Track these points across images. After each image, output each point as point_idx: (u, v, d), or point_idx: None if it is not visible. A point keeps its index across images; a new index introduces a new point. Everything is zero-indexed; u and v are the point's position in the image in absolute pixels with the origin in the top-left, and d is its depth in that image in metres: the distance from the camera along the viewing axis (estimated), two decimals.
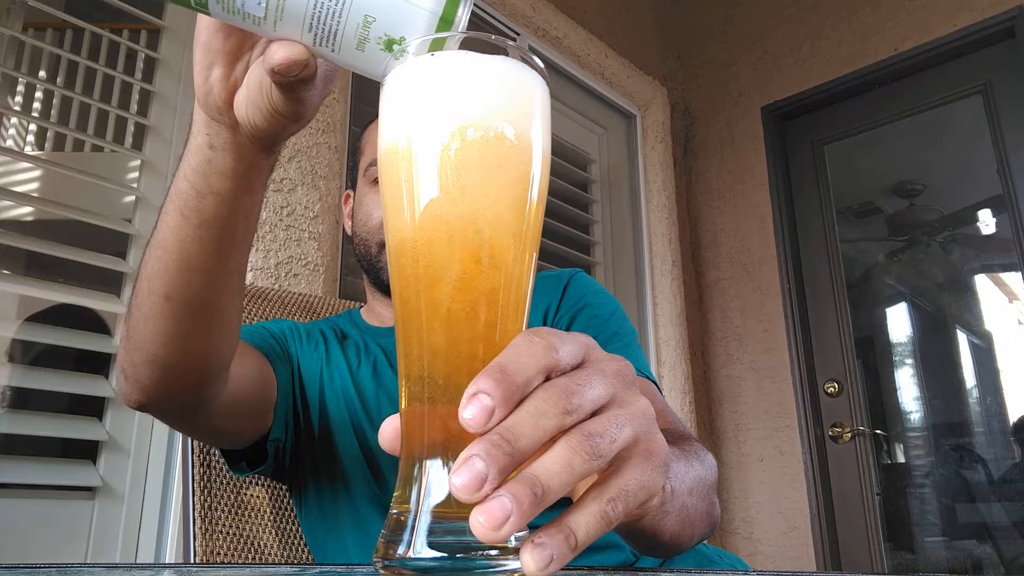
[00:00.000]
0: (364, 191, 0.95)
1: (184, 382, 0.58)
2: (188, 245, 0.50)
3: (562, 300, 0.90)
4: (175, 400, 0.61)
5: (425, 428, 0.34)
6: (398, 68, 0.36)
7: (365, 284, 0.99)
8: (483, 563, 0.31)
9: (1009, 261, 2.21)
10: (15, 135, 2.06)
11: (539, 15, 2.20)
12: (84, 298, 1.24)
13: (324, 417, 0.83)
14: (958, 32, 2.29)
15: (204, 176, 0.47)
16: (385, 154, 0.36)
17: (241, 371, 0.69)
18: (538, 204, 0.36)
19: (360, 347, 0.89)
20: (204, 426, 0.69)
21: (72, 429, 1.19)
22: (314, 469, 0.83)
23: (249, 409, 0.74)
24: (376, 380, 0.85)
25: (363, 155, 0.97)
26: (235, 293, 0.55)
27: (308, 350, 0.88)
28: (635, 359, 0.84)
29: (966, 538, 2.22)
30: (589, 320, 0.87)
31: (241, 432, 0.75)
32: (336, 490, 0.82)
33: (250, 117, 0.43)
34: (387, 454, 0.36)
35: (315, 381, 0.85)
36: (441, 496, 0.32)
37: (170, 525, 1.23)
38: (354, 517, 0.80)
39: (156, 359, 0.55)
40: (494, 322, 0.34)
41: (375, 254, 0.92)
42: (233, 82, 0.43)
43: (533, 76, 0.36)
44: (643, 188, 2.57)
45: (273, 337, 0.85)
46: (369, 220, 0.92)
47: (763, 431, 2.46)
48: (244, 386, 0.70)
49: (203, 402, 0.62)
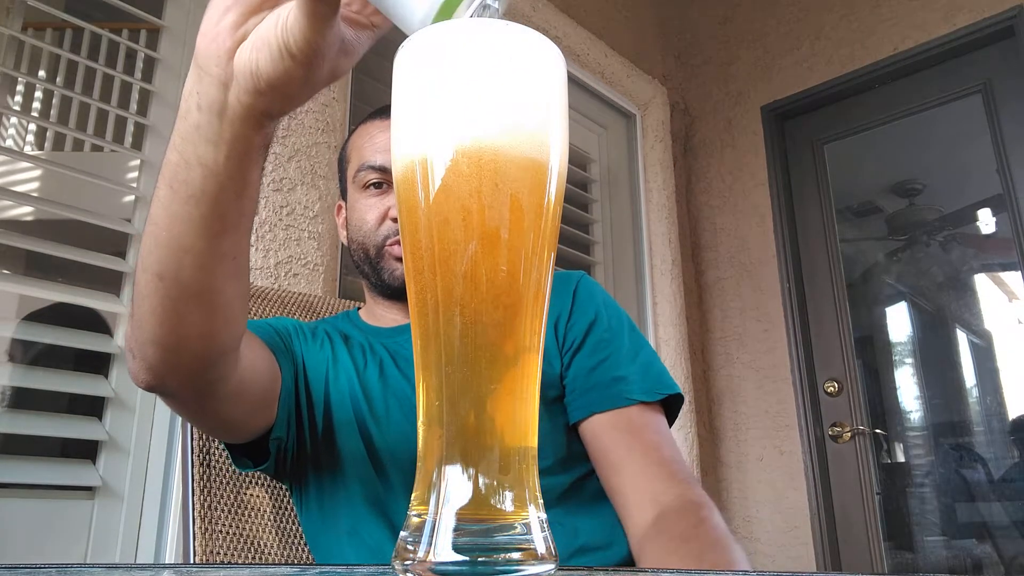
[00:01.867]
0: (355, 196, 0.93)
1: (188, 363, 0.57)
2: (176, 222, 0.48)
3: (573, 307, 0.88)
4: (183, 381, 0.59)
5: (445, 429, 0.34)
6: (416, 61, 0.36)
7: (364, 287, 0.98)
8: (505, 566, 0.31)
9: (1009, 260, 2.21)
10: (15, 135, 2.05)
11: (539, 15, 2.20)
12: (84, 298, 1.24)
13: (328, 417, 0.82)
14: (958, 32, 2.29)
15: (191, 143, 0.45)
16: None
17: (250, 356, 0.68)
18: (555, 204, 0.36)
19: (365, 348, 0.88)
20: (212, 413, 0.67)
21: (72, 429, 1.19)
22: (316, 469, 0.83)
23: (257, 397, 0.73)
24: (383, 382, 0.84)
25: (350, 162, 0.96)
26: (231, 277, 0.53)
27: (314, 349, 0.87)
28: (658, 373, 0.83)
29: (966, 537, 2.22)
30: (603, 334, 0.85)
31: (246, 423, 0.74)
32: (337, 491, 0.81)
33: (254, 60, 0.41)
34: (393, 456, 0.36)
35: (320, 380, 0.84)
36: (463, 498, 0.32)
37: (170, 525, 1.23)
38: (355, 519, 0.80)
39: (156, 339, 0.54)
40: (516, 327, 0.34)
41: (373, 256, 0.91)
42: (242, 34, 0.41)
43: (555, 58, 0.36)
44: (643, 187, 2.57)
45: (277, 333, 0.84)
46: (364, 224, 0.91)
47: (763, 431, 2.46)
48: (253, 373, 0.69)
49: (211, 385, 0.61)
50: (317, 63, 0.41)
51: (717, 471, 2.52)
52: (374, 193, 0.90)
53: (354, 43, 0.44)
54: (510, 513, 0.33)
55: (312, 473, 0.83)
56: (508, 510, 0.33)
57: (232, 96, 0.43)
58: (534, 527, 0.33)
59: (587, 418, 0.80)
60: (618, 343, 0.85)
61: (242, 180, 0.47)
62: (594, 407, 0.79)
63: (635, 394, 0.79)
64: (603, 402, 0.79)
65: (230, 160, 0.45)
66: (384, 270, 0.90)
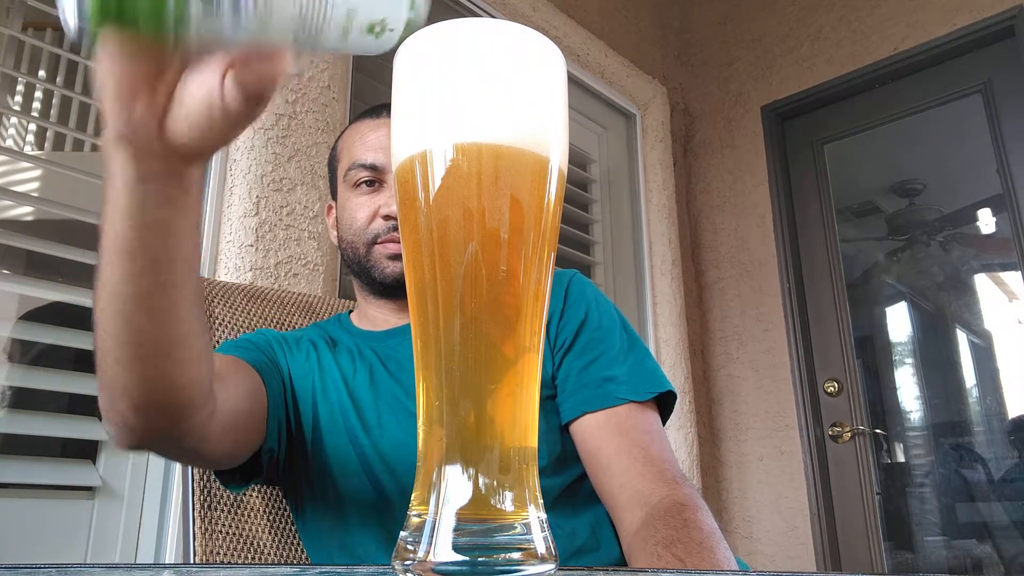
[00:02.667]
0: (346, 196, 0.93)
1: (164, 417, 0.56)
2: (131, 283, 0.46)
3: (565, 306, 0.88)
4: (164, 435, 0.59)
5: (445, 429, 0.34)
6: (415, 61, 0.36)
7: (356, 288, 0.97)
8: (505, 566, 0.31)
9: (1009, 260, 2.21)
10: (15, 135, 2.05)
11: (539, 14, 2.20)
12: (84, 298, 1.24)
13: (317, 427, 0.82)
14: (958, 31, 2.29)
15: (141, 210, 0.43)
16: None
17: (228, 392, 0.68)
18: (555, 203, 0.36)
19: (354, 353, 0.87)
20: (207, 453, 0.67)
21: (72, 429, 1.19)
22: (307, 477, 0.82)
23: (242, 426, 0.72)
24: (374, 389, 0.83)
25: (340, 162, 0.96)
26: (190, 319, 0.51)
27: (299, 360, 0.86)
28: (651, 370, 0.83)
29: (966, 537, 2.22)
30: (594, 333, 0.85)
31: (237, 451, 0.74)
32: (328, 498, 0.81)
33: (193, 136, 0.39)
34: (385, 462, 0.36)
35: (308, 392, 0.83)
36: (463, 498, 0.32)
37: (170, 525, 1.23)
38: (347, 525, 0.79)
39: (131, 400, 0.53)
40: (516, 327, 0.34)
41: (364, 254, 0.90)
42: (160, 107, 0.39)
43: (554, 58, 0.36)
44: (643, 188, 2.57)
45: (259, 349, 0.83)
46: (354, 222, 0.90)
47: (763, 430, 2.46)
48: (235, 403, 0.69)
49: (195, 431, 0.60)
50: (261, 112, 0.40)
51: (717, 471, 2.52)
52: (365, 191, 0.90)
53: None
54: (510, 513, 0.33)
55: (304, 481, 0.83)
56: (508, 510, 0.33)
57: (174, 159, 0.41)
58: (534, 527, 0.33)
59: (578, 418, 0.80)
60: (609, 342, 0.84)
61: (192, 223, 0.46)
62: (584, 407, 0.79)
63: (625, 393, 0.79)
64: (593, 402, 0.79)
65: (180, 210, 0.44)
66: (375, 268, 0.89)
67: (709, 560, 0.61)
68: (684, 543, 0.62)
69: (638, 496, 0.71)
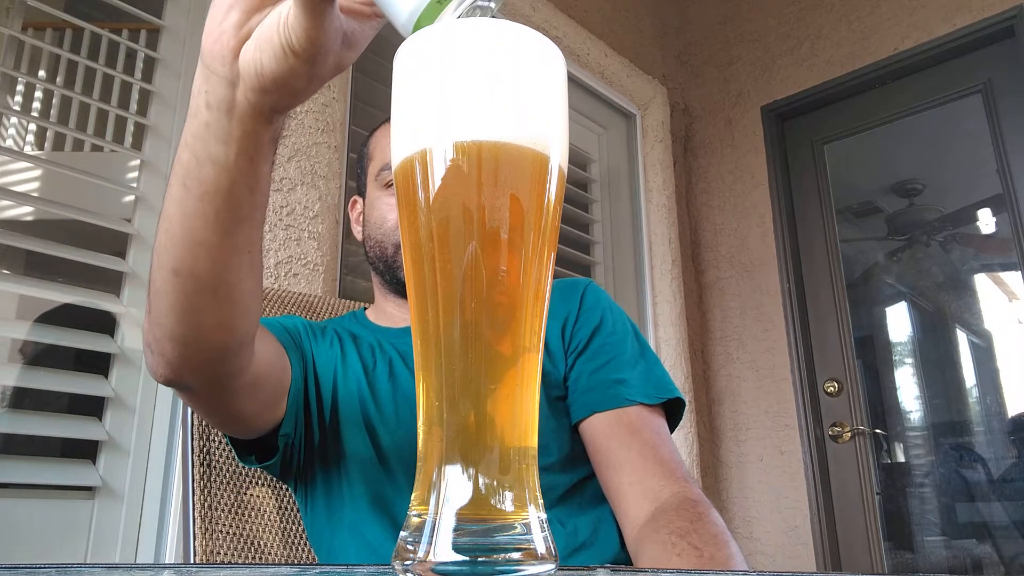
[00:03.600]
0: (376, 195, 0.95)
1: (204, 357, 0.58)
2: (191, 218, 0.49)
3: (580, 311, 0.90)
4: (199, 375, 0.60)
5: (445, 429, 0.34)
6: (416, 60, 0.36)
7: (375, 285, 0.99)
8: (505, 566, 0.31)
9: (1009, 260, 2.21)
10: (15, 135, 2.05)
11: (538, 14, 2.20)
12: (84, 298, 1.24)
13: (335, 416, 0.83)
14: (958, 32, 2.29)
15: (203, 141, 0.45)
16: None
17: (264, 351, 0.69)
18: (556, 203, 0.36)
19: (375, 347, 0.89)
20: (226, 407, 0.68)
21: (72, 429, 1.19)
22: (323, 467, 0.83)
23: (269, 392, 0.73)
24: (392, 382, 0.84)
25: (372, 160, 0.97)
26: (245, 270, 0.53)
27: (324, 347, 0.87)
28: (659, 377, 0.84)
29: (966, 537, 2.22)
30: (607, 338, 0.86)
31: (257, 418, 0.74)
32: (343, 491, 0.81)
33: (257, 59, 0.41)
34: (399, 455, 0.36)
35: (329, 378, 0.85)
36: (463, 498, 0.32)
37: (170, 525, 1.23)
38: (359, 519, 0.80)
39: (173, 334, 0.55)
40: (516, 327, 0.34)
41: (391, 255, 0.92)
42: (246, 32, 0.42)
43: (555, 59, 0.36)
44: (643, 188, 2.57)
45: (288, 331, 0.85)
46: (384, 222, 0.92)
47: (763, 430, 2.46)
48: (267, 367, 0.70)
49: (227, 379, 0.62)
50: (320, 58, 0.41)
51: (717, 471, 2.52)
52: None
53: (357, 34, 0.44)
54: (510, 513, 0.33)
55: (319, 471, 0.83)
56: (508, 510, 0.33)
57: (239, 94, 0.43)
58: (534, 527, 0.33)
59: (587, 417, 0.81)
60: (621, 347, 0.86)
61: (253, 175, 0.48)
62: (594, 407, 0.81)
63: (635, 395, 0.80)
64: (603, 402, 0.80)
65: (240, 156, 0.46)
66: (400, 268, 0.91)
67: (724, 552, 0.61)
68: (699, 534, 0.63)
69: (648, 492, 0.73)
